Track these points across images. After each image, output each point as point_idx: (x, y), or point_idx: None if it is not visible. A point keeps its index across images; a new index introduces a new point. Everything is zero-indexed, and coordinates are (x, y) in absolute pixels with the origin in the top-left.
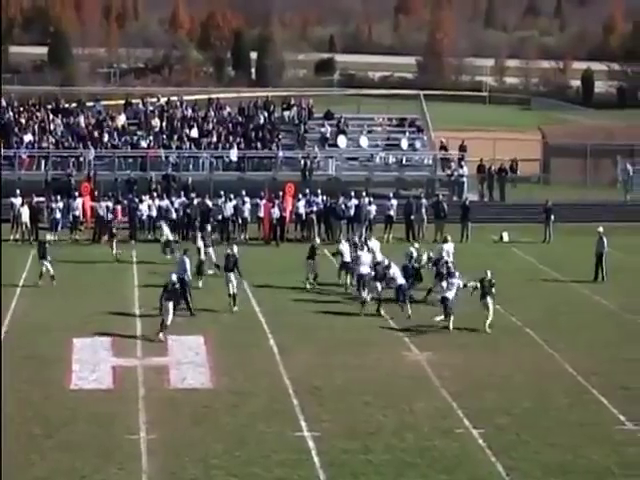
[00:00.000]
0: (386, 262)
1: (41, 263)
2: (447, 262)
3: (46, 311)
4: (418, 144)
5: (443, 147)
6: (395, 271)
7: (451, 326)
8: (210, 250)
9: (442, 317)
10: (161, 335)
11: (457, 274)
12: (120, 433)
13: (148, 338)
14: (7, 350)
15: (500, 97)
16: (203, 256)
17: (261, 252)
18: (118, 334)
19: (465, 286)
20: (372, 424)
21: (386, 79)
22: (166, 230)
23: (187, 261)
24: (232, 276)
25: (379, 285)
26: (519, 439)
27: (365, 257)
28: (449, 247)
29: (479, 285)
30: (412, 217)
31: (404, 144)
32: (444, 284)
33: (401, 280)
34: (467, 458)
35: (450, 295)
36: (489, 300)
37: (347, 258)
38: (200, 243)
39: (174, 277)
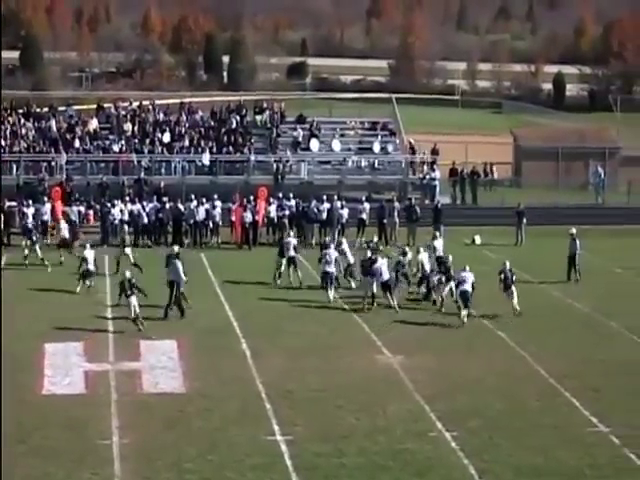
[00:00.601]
0: (373, 257)
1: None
2: (445, 259)
3: (17, 316)
4: (390, 147)
5: (412, 148)
6: (382, 264)
7: (466, 319)
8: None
9: (465, 312)
10: (142, 327)
11: (467, 268)
12: (93, 438)
13: (121, 343)
14: None
15: (472, 100)
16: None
17: (233, 256)
18: (90, 339)
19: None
20: (345, 427)
21: (358, 82)
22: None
23: (179, 264)
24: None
25: (370, 279)
26: (492, 442)
27: (332, 255)
28: (439, 244)
29: (502, 277)
30: (385, 220)
31: (376, 147)
32: (451, 282)
33: (387, 275)
34: (440, 461)
35: (469, 288)
36: (513, 289)
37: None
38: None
39: (128, 274)
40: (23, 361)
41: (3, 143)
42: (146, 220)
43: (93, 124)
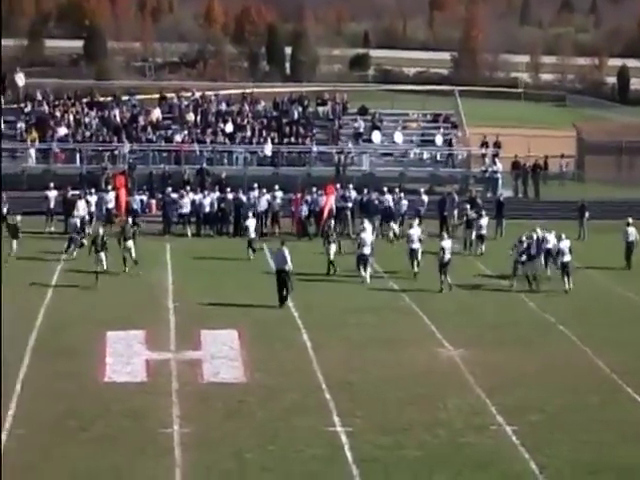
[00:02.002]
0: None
1: (97, 256)
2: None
3: (80, 305)
4: (452, 140)
5: (484, 143)
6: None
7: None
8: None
9: (568, 284)
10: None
11: (564, 236)
12: (154, 427)
13: (182, 332)
14: (41, 343)
15: (535, 94)
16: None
17: (293, 247)
18: (152, 328)
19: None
20: (405, 420)
21: (421, 75)
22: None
23: (287, 252)
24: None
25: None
26: (552, 436)
27: (367, 238)
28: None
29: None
30: (445, 213)
31: (438, 140)
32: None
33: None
34: (500, 455)
35: (570, 258)
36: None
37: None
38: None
39: (101, 230)
40: (85, 349)
41: (67, 132)
42: (208, 210)
43: (156, 114)
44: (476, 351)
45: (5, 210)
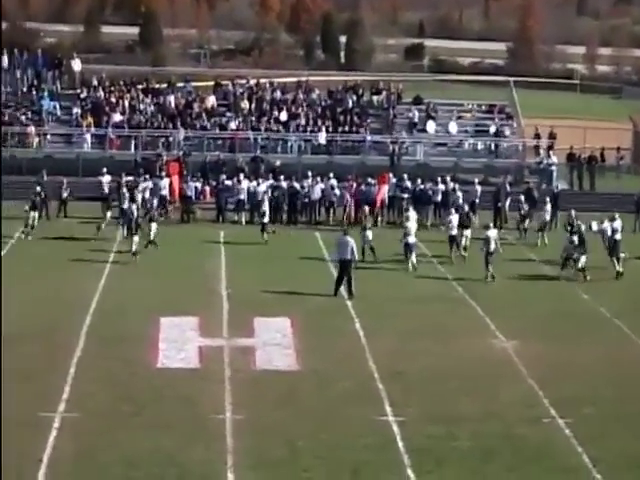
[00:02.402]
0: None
1: (130, 239)
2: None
3: (133, 290)
4: (507, 131)
5: (537, 135)
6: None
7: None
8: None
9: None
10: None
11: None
12: (206, 413)
13: (235, 319)
14: (95, 328)
15: (591, 85)
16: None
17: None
18: (205, 314)
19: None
20: (457, 411)
21: (476, 65)
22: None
23: (352, 242)
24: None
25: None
26: (605, 430)
27: (412, 227)
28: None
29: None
30: (499, 204)
31: (493, 130)
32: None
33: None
34: (553, 448)
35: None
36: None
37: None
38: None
39: (135, 212)
40: (138, 334)
41: (122, 118)
42: (261, 198)
43: (211, 101)
44: (529, 343)
45: (66, 194)
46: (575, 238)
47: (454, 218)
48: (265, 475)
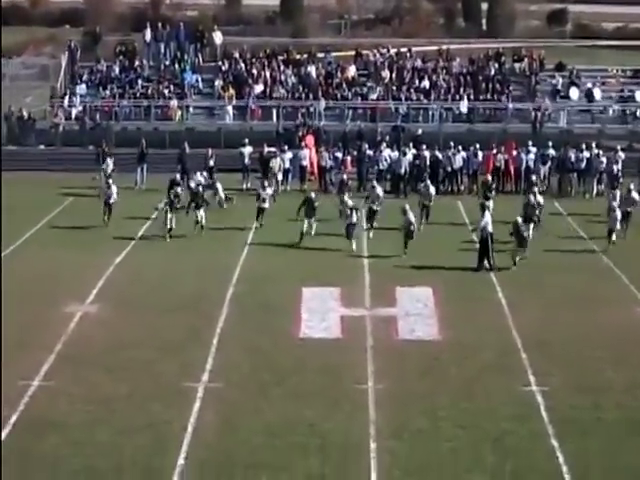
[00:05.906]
0: None
1: (195, 213)
2: None
3: (276, 262)
4: None
5: None
6: None
7: None
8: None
9: None
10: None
11: None
12: (348, 383)
13: (377, 289)
14: (238, 299)
15: None
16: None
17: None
18: (346, 285)
19: None
20: (602, 381)
21: (620, 30)
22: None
23: (488, 215)
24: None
25: None
26: None
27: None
28: None
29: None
30: None
31: (639, 96)
32: None
33: None
34: None
35: None
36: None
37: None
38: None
39: (200, 188)
40: (280, 304)
41: (263, 89)
42: (403, 168)
43: (351, 71)
44: None
45: (212, 163)
46: None
47: (380, 191)
48: (407, 445)
